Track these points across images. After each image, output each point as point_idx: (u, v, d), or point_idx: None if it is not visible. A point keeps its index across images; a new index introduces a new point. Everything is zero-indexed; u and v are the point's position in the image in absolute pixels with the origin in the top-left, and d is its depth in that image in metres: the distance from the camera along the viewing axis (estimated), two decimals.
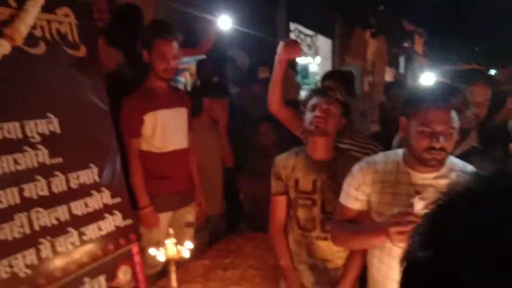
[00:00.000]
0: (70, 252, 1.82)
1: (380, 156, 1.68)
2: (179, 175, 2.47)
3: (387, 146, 2.50)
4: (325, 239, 1.90)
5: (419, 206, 1.31)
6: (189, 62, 4.61)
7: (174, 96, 2.48)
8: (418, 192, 1.50)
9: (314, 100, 1.91)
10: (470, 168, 1.55)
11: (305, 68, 9.04)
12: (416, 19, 12.49)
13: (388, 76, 12.35)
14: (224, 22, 3.46)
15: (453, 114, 1.44)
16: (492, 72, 17.43)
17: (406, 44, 13.63)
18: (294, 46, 2.23)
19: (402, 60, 14.69)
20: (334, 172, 1.91)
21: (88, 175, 1.97)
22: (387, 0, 9.01)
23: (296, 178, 1.97)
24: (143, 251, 2.22)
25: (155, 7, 3.52)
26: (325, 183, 1.91)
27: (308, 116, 1.91)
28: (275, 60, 2.27)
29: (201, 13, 3.53)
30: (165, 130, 2.38)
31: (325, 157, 1.95)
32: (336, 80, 2.61)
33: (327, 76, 2.83)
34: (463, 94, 1.90)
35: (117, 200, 2.09)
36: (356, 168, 1.68)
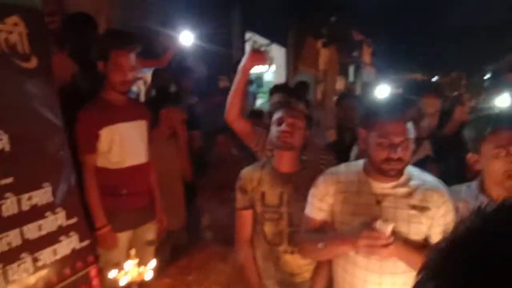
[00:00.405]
0: (24, 279, 1.70)
1: (342, 167, 1.72)
2: (138, 191, 2.37)
3: (343, 155, 2.54)
4: (292, 252, 1.89)
5: (388, 229, 1.38)
6: (144, 71, 4.50)
7: (132, 108, 2.38)
8: (378, 202, 1.55)
9: (279, 114, 1.91)
10: (427, 176, 1.61)
11: (259, 77, 9.12)
12: (364, 30, 13.00)
13: (339, 84, 12.71)
14: (186, 38, 3.40)
15: (409, 125, 1.50)
16: (434, 79, 18.48)
17: (355, 54, 14.16)
18: (259, 54, 2.21)
19: (351, 69, 15.21)
20: (299, 184, 1.91)
21: (42, 196, 1.85)
22: (338, 11, 9.29)
23: (263, 192, 1.95)
24: (101, 272, 2.11)
25: (108, 20, 3.39)
26: (292, 195, 1.91)
27: (274, 130, 1.90)
28: (239, 69, 2.24)
29: (154, 24, 3.46)
30: (123, 144, 2.27)
31: (291, 170, 1.95)
32: (287, 92, 2.62)
33: (277, 89, 2.82)
34: (418, 105, 1.99)
35: (73, 220, 1.98)
36: (319, 179, 1.70)
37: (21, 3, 1.90)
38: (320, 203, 1.65)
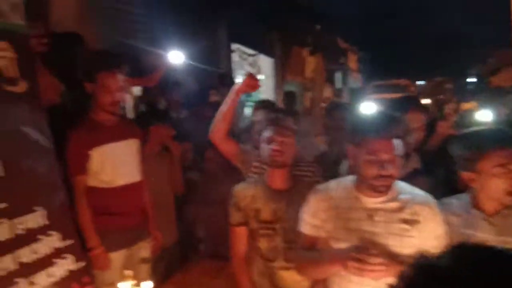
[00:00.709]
0: None
1: (332, 183, 1.75)
2: (131, 210, 2.37)
3: (332, 167, 2.57)
4: (288, 268, 1.91)
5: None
6: None
7: (122, 127, 2.39)
8: (370, 216, 1.58)
9: (269, 132, 1.94)
10: (416, 190, 1.65)
11: None
12: (349, 37, 13.18)
13: (327, 92, 12.83)
14: (176, 56, 3.43)
15: (397, 142, 1.54)
16: (418, 83, 18.75)
17: (341, 61, 14.32)
18: (253, 81, 2.25)
19: (338, 76, 15.38)
20: (293, 200, 1.93)
21: (35, 219, 1.84)
22: (322, 20, 9.41)
23: (257, 208, 1.97)
24: None
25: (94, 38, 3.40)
26: (286, 212, 1.93)
27: (265, 148, 1.94)
28: (231, 91, 2.26)
29: (141, 42, 3.48)
30: (115, 164, 2.28)
31: (284, 187, 1.98)
32: (272, 109, 2.65)
33: (260, 106, 2.82)
34: (403, 122, 2.03)
35: (68, 242, 1.97)
36: (311, 195, 1.72)
37: (9, 28, 1.91)
38: (313, 219, 1.67)
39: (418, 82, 18.78)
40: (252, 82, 2.24)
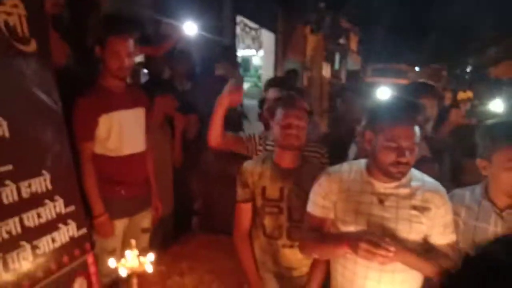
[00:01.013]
0: (24, 268, 1.67)
1: (344, 166, 1.74)
2: (136, 180, 2.36)
3: (336, 147, 2.57)
4: (291, 247, 1.93)
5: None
6: None
7: (130, 95, 2.35)
8: (381, 201, 1.59)
9: (284, 115, 1.90)
10: (426, 177, 1.65)
11: (247, 60, 9.06)
12: (352, 18, 13.00)
13: (325, 72, 12.74)
14: (190, 28, 3.34)
15: (417, 129, 1.53)
16: (417, 69, 18.69)
17: (341, 41, 14.17)
18: (237, 94, 2.19)
19: (337, 57, 15.25)
20: (300, 179, 1.93)
21: (41, 183, 1.81)
22: None
23: (263, 186, 1.97)
24: (97, 259, 2.10)
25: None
26: (292, 190, 1.94)
27: (279, 131, 1.91)
28: (217, 101, 2.20)
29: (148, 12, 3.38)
30: (121, 132, 2.25)
31: (292, 166, 1.97)
32: (286, 88, 2.61)
33: (273, 84, 2.78)
34: (424, 109, 2.01)
35: (71, 208, 1.96)
36: (322, 177, 1.72)
37: None
38: (323, 200, 1.68)
39: (415, 68, 18.72)
40: (235, 97, 2.18)
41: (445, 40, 21.36)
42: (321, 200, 1.69)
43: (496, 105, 2.75)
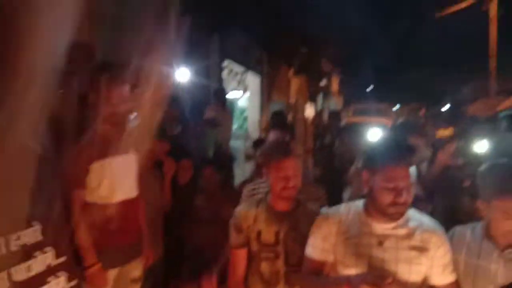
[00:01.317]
0: None
1: (342, 207, 1.75)
2: (128, 227, 2.30)
3: (333, 187, 2.58)
4: None
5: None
6: None
7: (123, 140, 2.33)
8: (380, 243, 1.58)
9: (280, 164, 1.89)
10: (423, 217, 1.66)
11: (233, 102, 9.17)
12: (333, 60, 13.46)
13: (308, 112, 12.96)
14: (182, 74, 3.40)
15: (412, 170, 1.56)
16: (397, 107, 19.14)
17: (323, 83, 14.57)
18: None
19: (320, 97, 15.59)
20: (296, 222, 1.92)
21: (31, 235, 1.76)
22: (309, 42, 9.60)
23: (259, 230, 1.94)
24: None
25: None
26: (288, 234, 1.91)
27: (275, 180, 1.90)
28: None
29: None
30: (113, 179, 2.21)
31: (287, 208, 1.96)
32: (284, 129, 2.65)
33: (276, 126, 2.82)
34: (419, 150, 2.06)
35: (62, 259, 1.89)
36: (321, 219, 1.72)
37: None
38: (323, 243, 1.67)
39: (394, 107, 19.24)
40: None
41: (423, 78, 22.11)
42: (320, 243, 1.67)
43: (480, 146, 2.83)
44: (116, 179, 2.23)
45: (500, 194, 1.54)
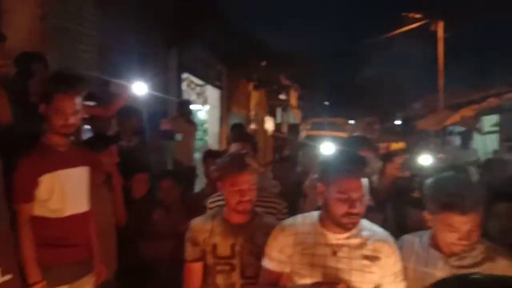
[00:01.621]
0: None
1: (298, 218, 1.78)
2: (78, 242, 2.22)
3: (290, 200, 2.61)
4: None
5: None
6: None
7: (74, 153, 2.26)
8: (334, 253, 1.63)
9: (235, 178, 1.89)
10: (375, 227, 1.72)
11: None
12: (292, 75, 13.74)
13: (268, 125, 13.12)
14: (139, 88, 3.34)
15: (365, 181, 1.62)
16: (352, 122, 19.81)
17: (282, 97, 14.82)
18: None
19: (279, 111, 15.83)
20: (252, 235, 1.93)
21: None
22: (268, 56, 9.76)
23: (214, 243, 1.94)
24: None
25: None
26: (244, 246, 1.92)
27: (230, 194, 1.91)
28: None
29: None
30: (64, 192, 2.14)
31: (243, 220, 1.97)
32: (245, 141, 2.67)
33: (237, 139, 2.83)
34: (370, 162, 2.13)
35: (8, 277, 1.81)
36: (277, 230, 1.74)
37: None
38: (279, 254, 1.69)
39: (350, 122, 19.90)
40: None
41: (376, 95, 22.99)
42: (277, 254, 1.69)
43: (424, 159, 3.00)
44: (67, 192, 2.16)
45: (444, 208, 1.60)
